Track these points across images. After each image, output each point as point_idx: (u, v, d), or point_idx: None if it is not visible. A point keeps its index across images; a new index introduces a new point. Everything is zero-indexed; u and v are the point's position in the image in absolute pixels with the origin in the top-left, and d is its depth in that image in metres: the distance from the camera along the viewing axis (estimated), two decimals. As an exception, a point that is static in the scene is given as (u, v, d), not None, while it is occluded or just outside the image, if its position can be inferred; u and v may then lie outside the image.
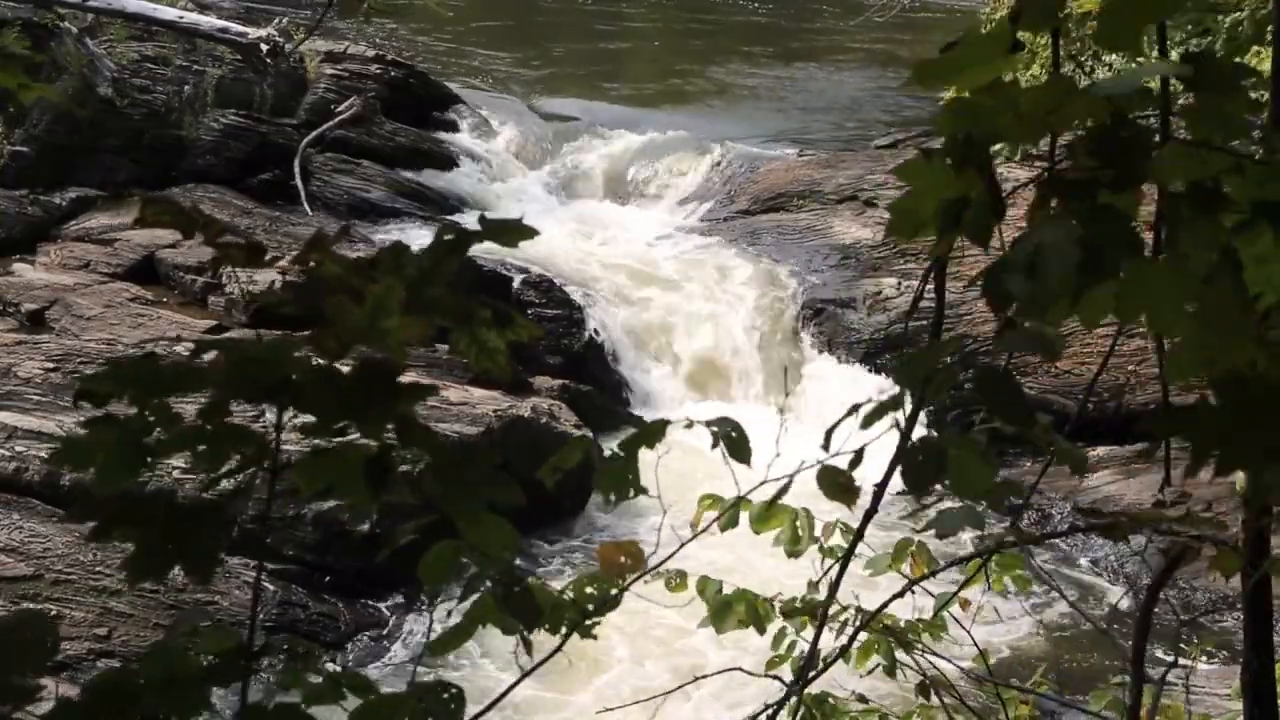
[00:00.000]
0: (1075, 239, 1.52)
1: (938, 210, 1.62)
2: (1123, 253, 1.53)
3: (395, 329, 1.44)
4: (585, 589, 2.00)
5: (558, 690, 7.29)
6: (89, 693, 1.45)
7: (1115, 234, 1.54)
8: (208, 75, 12.83)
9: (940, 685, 3.68)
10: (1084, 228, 1.53)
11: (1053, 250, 1.53)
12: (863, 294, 11.31)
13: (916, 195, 1.64)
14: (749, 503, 2.81)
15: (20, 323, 9.90)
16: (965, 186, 1.61)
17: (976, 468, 1.71)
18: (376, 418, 1.47)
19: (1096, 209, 1.54)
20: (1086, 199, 1.54)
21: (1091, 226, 1.53)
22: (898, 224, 1.66)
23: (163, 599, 7.49)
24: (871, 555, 3.61)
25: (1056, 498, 9.53)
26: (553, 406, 9.45)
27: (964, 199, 1.61)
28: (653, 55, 17.88)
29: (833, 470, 2.03)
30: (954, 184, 1.61)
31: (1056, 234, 1.54)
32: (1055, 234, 1.54)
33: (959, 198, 1.61)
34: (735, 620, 3.47)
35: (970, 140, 1.59)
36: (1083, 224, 1.53)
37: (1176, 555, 2.70)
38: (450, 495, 1.55)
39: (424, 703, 1.55)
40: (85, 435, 1.49)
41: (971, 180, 1.60)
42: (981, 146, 1.59)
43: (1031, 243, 1.55)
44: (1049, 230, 1.55)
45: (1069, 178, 1.55)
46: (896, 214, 1.66)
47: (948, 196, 1.61)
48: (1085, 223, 1.53)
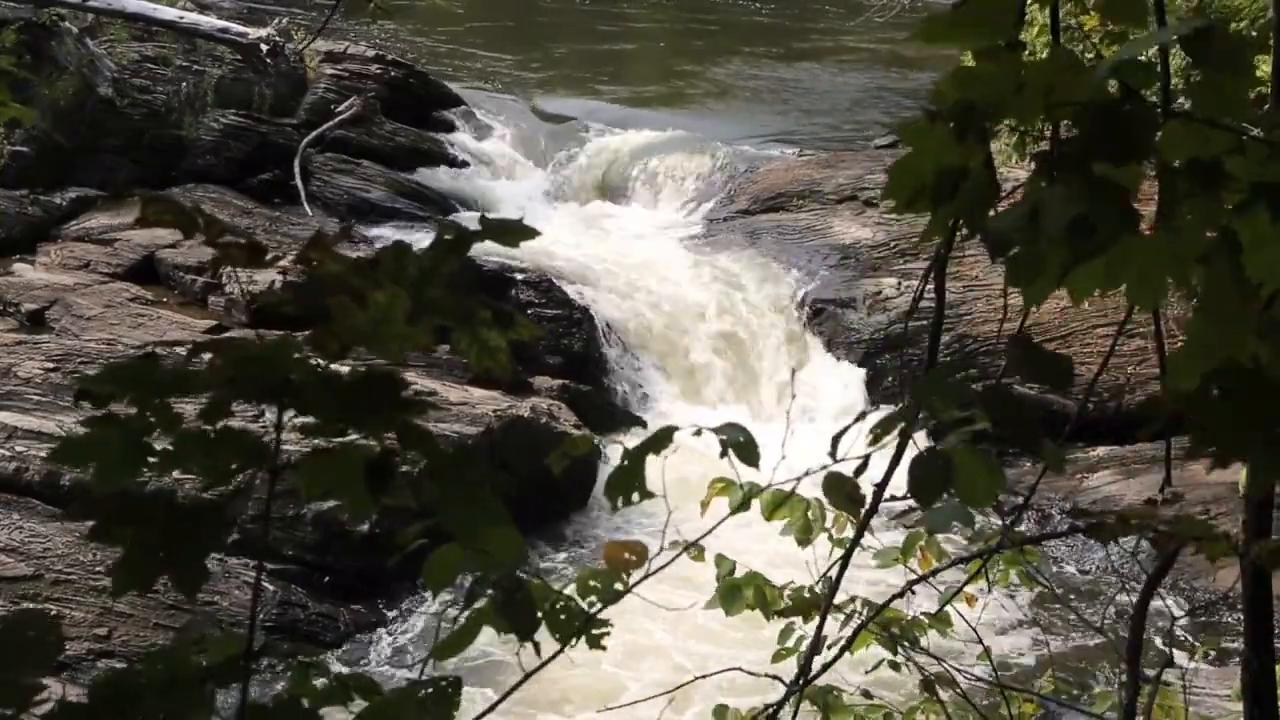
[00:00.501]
0: (1071, 198, 1.51)
1: (935, 177, 1.59)
2: (1118, 226, 1.51)
3: (398, 339, 1.43)
4: (589, 583, 2.00)
5: (558, 690, 7.29)
6: (91, 694, 1.45)
7: (1111, 207, 1.52)
8: (208, 75, 12.83)
9: (944, 682, 3.69)
10: (1078, 200, 1.51)
11: (1050, 205, 1.52)
12: (863, 294, 11.31)
13: (916, 158, 1.61)
14: (759, 488, 2.81)
15: (20, 323, 9.90)
16: (965, 156, 1.58)
17: (983, 476, 1.70)
18: (377, 423, 1.47)
19: (1093, 182, 1.52)
20: (1083, 172, 1.52)
21: (1086, 200, 1.51)
22: (896, 185, 1.62)
23: (163, 599, 7.49)
24: (881, 548, 3.61)
25: (1056, 498, 9.53)
26: (552, 406, 9.45)
27: (963, 169, 1.59)
28: (653, 55, 17.88)
29: (839, 478, 2.03)
30: (954, 151, 1.58)
31: (1054, 194, 1.53)
32: (1052, 194, 1.53)
33: (958, 167, 1.59)
34: (744, 603, 3.47)
35: (971, 109, 1.56)
36: (1077, 198, 1.52)
37: (1170, 555, 2.70)
38: (449, 501, 1.54)
39: (423, 694, 1.55)
40: (85, 434, 1.49)
41: (972, 150, 1.57)
42: (981, 117, 1.56)
43: (1029, 201, 1.54)
44: (1046, 191, 1.53)
45: (1066, 150, 1.53)
46: (895, 174, 1.62)
47: (947, 164, 1.58)
48: (1080, 197, 1.52)
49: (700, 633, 7.70)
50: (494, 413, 9.03)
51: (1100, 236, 1.51)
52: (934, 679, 3.69)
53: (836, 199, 12.44)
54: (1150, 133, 1.54)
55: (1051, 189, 1.53)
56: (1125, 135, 1.53)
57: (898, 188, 1.62)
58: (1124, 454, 9.71)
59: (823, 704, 3.58)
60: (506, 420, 9.00)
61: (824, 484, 2.03)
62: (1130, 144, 1.53)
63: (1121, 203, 1.52)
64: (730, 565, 3.49)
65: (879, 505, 2.41)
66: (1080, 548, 9.17)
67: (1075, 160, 1.52)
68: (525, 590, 1.75)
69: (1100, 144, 1.52)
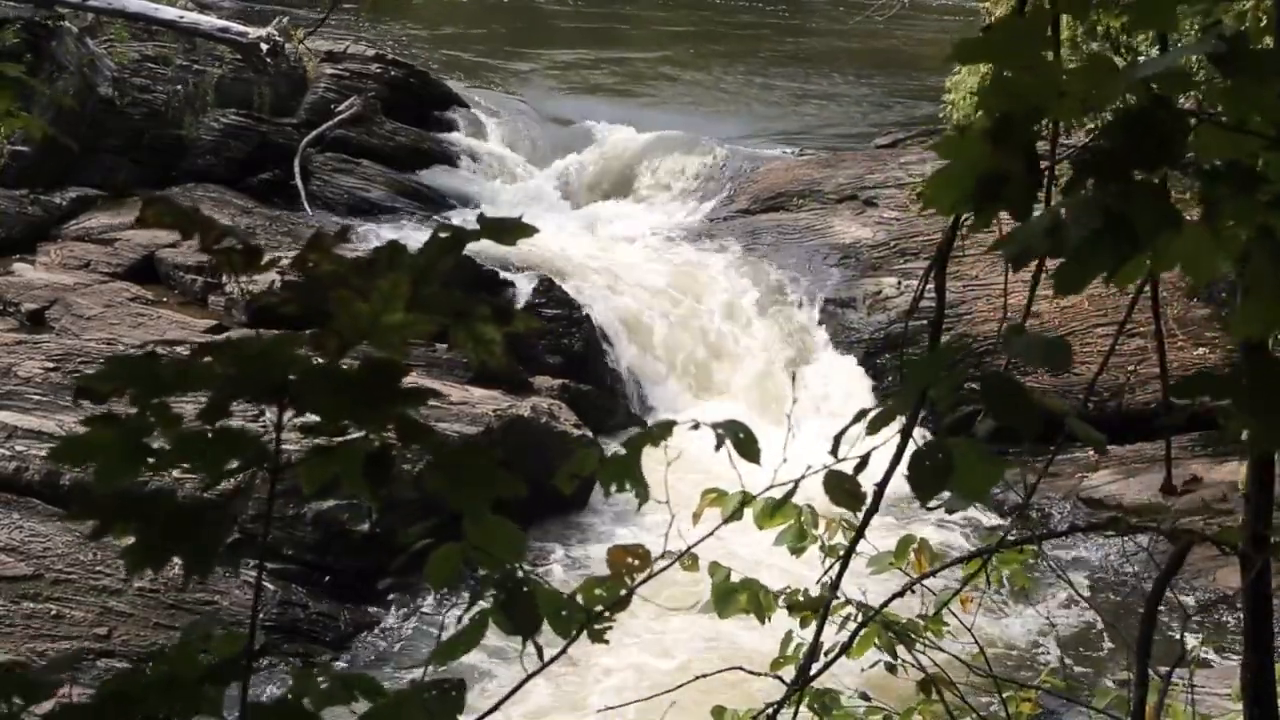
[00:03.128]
0: (1099, 207, 1.55)
1: (978, 185, 1.66)
2: (1160, 226, 1.57)
3: (400, 325, 1.44)
4: (594, 591, 2.00)
5: (559, 690, 7.29)
6: (96, 695, 1.45)
7: (1151, 208, 1.57)
8: (208, 75, 12.83)
9: (941, 683, 3.69)
10: (1117, 203, 1.57)
11: (1075, 216, 1.57)
12: (863, 294, 11.31)
13: (955, 170, 1.68)
14: (753, 498, 2.81)
15: (20, 322, 9.90)
16: (1003, 162, 1.64)
17: (983, 469, 1.71)
18: (378, 419, 1.47)
19: (1130, 185, 1.58)
20: (1120, 177, 1.57)
21: (1125, 202, 1.57)
22: (937, 197, 1.69)
23: (163, 599, 7.49)
24: (875, 553, 3.61)
25: (1057, 497, 9.53)
26: (552, 406, 9.45)
27: (1002, 175, 1.64)
28: (653, 54, 17.87)
29: (839, 476, 2.03)
30: (991, 159, 1.64)
31: (1080, 202, 1.59)
32: (1079, 203, 1.59)
33: (997, 173, 1.64)
34: (738, 607, 3.47)
35: (1011, 118, 1.62)
36: (1115, 200, 1.57)
37: (1183, 548, 2.70)
38: (456, 489, 1.54)
39: (427, 695, 1.56)
40: (85, 433, 1.49)
41: (1009, 156, 1.64)
42: (1024, 123, 1.63)
43: (1055, 211, 1.59)
44: (1073, 200, 1.58)
45: (1102, 156, 1.58)
46: (935, 187, 1.69)
47: (986, 172, 1.65)
48: (1118, 199, 1.57)
49: (701, 633, 7.70)
50: (494, 412, 9.03)
51: (1142, 237, 1.56)
52: (932, 680, 3.69)
53: (836, 199, 12.44)
54: (1182, 137, 1.59)
55: (1072, 201, 1.58)
56: (1157, 140, 1.59)
57: (939, 198, 1.69)
58: (1124, 454, 9.71)
59: (820, 706, 3.58)
60: (507, 420, 9.00)
61: (825, 482, 2.04)
62: (1162, 149, 1.59)
63: (1162, 203, 1.58)
64: (725, 572, 3.49)
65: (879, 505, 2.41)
66: (1081, 548, 9.17)
67: (1110, 165, 1.56)
68: (527, 590, 1.75)
69: (1133, 149, 1.58)
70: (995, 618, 8.00)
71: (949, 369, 1.75)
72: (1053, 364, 1.73)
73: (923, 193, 1.70)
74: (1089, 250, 1.57)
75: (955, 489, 1.71)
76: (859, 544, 2.78)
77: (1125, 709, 3.37)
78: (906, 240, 11.60)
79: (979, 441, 1.72)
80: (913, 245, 11.52)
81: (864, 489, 2.14)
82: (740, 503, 2.71)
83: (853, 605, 3.44)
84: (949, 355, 1.79)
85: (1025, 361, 1.78)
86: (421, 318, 1.45)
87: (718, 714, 3.64)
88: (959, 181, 1.67)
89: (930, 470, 1.70)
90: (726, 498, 3.15)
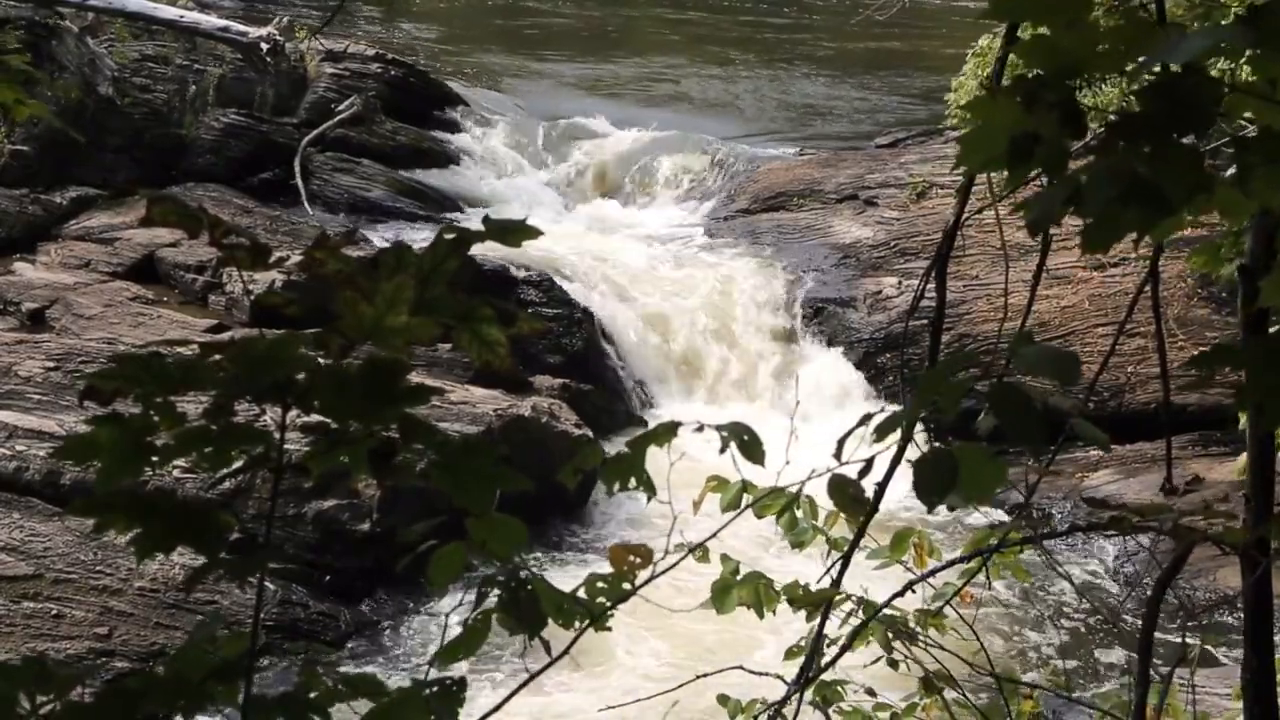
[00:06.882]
0: (1121, 172, 1.56)
1: (1011, 144, 1.66)
2: (1193, 190, 1.58)
3: (404, 328, 1.44)
4: (596, 586, 2.01)
5: (560, 690, 7.29)
6: (98, 695, 1.45)
7: (1182, 173, 1.58)
8: (208, 74, 12.83)
9: (943, 680, 3.69)
10: (1149, 167, 1.58)
11: (1096, 181, 1.58)
12: (863, 293, 11.31)
13: (986, 130, 1.68)
14: (754, 486, 2.81)
15: (20, 322, 9.90)
16: (1035, 122, 1.65)
17: (988, 471, 1.71)
18: (381, 417, 1.47)
19: (1164, 149, 1.59)
20: (1155, 141, 1.59)
21: (1158, 165, 1.58)
22: (969, 155, 1.70)
23: (163, 599, 7.49)
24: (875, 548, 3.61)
25: (1057, 497, 9.53)
26: (553, 406, 9.46)
27: (1034, 134, 1.65)
28: (653, 54, 17.86)
29: (843, 480, 2.03)
30: (1024, 119, 1.65)
31: (1101, 168, 1.60)
32: (1101, 168, 1.60)
33: (1030, 133, 1.65)
34: (735, 602, 3.47)
35: (1046, 77, 1.63)
36: (1147, 164, 1.58)
37: (1186, 547, 2.70)
38: (460, 486, 1.55)
39: (429, 693, 1.56)
40: (89, 431, 1.49)
41: (1042, 116, 1.64)
42: (1061, 80, 1.63)
43: (1078, 175, 1.59)
44: (1096, 165, 1.59)
45: (1137, 119, 1.58)
46: (967, 146, 1.70)
47: (1018, 131, 1.65)
48: (1151, 162, 1.58)
49: (701, 634, 7.70)
50: (495, 412, 9.03)
51: (1172, 200, 1.58)
52: (933, 676, 3.69)
53: (836, 198, 12.44)
54: (1215, 104, 1.61)
55: (1093, 167, 1.58)
56: (1190, 106, 1.59)
57: (971, 157, 1.70)
58: (1124, 454, 9.71)
59: (824, 699, 3.58)
60: (507, 419, 9.00)
61: (829, 486, 2.04)
62: (1196, 114, 1.60)
63: (1194, 167, 1.59)
64: (734, 565, 3.49)
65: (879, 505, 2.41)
66: (1080, 548, 9.17)
67: (1143, 130, 1.58)
68: (531, 589, 1.75)
69: (1167, 115, 1.59)
70: (996, 616, 8.00)
71: (954, 377, 1.75)
72: (1061, 377, 1.73)
73: (961, 152, 1.70)
74: (1111, 216, 1.58)
75: (960, 491, 1.71)
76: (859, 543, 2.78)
77: (1126, 709, 3.37)
78: (906, 240, 11.60)
79: (982, 444, 1.72)
80: (913, 245, 11.52)
81: (866, 492, 2.14)
82: (739, 489, 2.71)
83: (852, 601, 3.44)
84: (956, 366, 1.79)
85: (1033, 374, 1.78)
86: (425, 321, 1.45)
87: (723, 702, 3.65)
88: (990, 142, 1.68)
89: (936, 475, 1.70)
90: (728, 486, 3.16)
